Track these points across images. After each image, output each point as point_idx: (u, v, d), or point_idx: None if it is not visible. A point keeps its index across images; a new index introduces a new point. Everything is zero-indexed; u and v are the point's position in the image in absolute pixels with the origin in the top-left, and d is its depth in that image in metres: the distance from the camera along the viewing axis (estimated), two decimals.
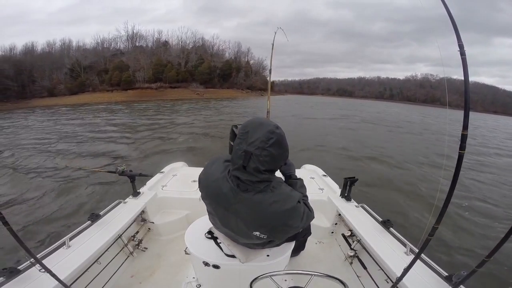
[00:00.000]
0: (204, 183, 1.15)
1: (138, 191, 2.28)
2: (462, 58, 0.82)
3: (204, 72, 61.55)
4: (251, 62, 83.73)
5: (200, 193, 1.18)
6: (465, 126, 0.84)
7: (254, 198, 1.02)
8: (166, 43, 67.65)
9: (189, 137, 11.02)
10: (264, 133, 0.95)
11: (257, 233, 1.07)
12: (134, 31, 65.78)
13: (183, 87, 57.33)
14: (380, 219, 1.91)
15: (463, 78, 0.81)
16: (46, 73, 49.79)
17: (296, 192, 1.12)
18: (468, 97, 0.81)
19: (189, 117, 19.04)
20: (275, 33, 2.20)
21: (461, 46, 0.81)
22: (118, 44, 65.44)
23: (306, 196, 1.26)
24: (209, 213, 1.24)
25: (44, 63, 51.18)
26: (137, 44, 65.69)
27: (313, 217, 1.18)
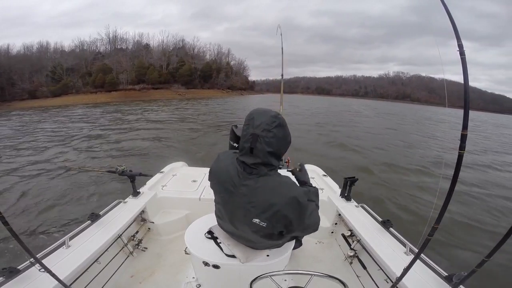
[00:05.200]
0: (214, 170, 1.22)
1: (138, 191, 2.28)
2: (461, 58, 0.81)
3: (185, 74, 62.36)
4: (232, 63, 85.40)
5: (209, 182, 1.25)
6: (465, 126, 0.82)
7: (259, 180, 1.07)
8: (147, 46, 67.31)
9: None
10: (268, 118, 1.04)
11: (257, 220, 1.08)
12: (116, 34, 64.66)
13: (165, 88, 58.14)
14: (380, 219, 1.91)
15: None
16: (26, 76, 47.86)
17: (305, 189, 1.15)
18: (468, 97, 0.80)
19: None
20: (281, 34, 2.17)
21: (460, 46, 0.80)
22: (99, 46, 63.96)
23: (318, 206, 1.25)
24: (216, 203, 1.27)
25: (24, 65, 49.22)
26: (118, 47, 64.64)
27: (317, 228, 1.20)
